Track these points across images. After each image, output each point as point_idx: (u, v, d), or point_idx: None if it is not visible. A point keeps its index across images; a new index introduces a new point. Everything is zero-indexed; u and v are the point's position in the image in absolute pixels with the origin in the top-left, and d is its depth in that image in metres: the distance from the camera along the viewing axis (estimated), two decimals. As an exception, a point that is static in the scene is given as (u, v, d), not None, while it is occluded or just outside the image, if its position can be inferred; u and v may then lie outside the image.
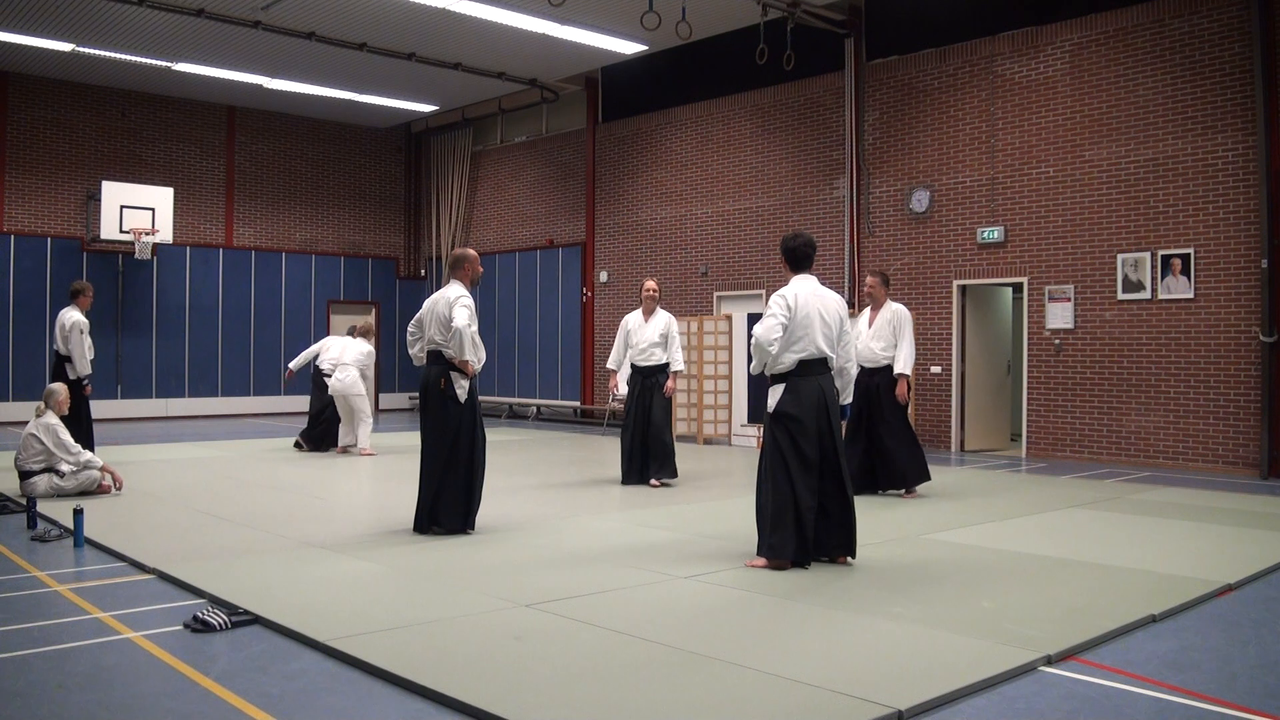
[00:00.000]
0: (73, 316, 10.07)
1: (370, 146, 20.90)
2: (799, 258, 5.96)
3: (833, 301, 5.92)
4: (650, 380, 9.42)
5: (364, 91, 17.75)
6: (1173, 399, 10.98)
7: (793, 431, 5.74)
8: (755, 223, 15.02)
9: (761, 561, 5.74)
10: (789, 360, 5.78)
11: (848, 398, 6.15)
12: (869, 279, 8.73)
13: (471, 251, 7.06)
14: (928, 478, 8.53)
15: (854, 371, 6.21)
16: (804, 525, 5.67)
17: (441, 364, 6.75)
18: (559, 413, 18.19)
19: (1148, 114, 11.17)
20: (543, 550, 6.26)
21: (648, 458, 9.31)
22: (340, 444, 12.04)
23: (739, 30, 14.39)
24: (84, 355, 10.09)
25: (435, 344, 6.78)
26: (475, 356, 6.71)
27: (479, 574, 5.58)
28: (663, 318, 9.70)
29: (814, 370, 5.80)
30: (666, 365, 9.49)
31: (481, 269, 7.19)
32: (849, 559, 5.83)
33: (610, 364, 9.76)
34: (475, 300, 6.86)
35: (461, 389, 6.71)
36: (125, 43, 14.92)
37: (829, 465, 5.80)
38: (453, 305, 6.67)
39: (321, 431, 12.19)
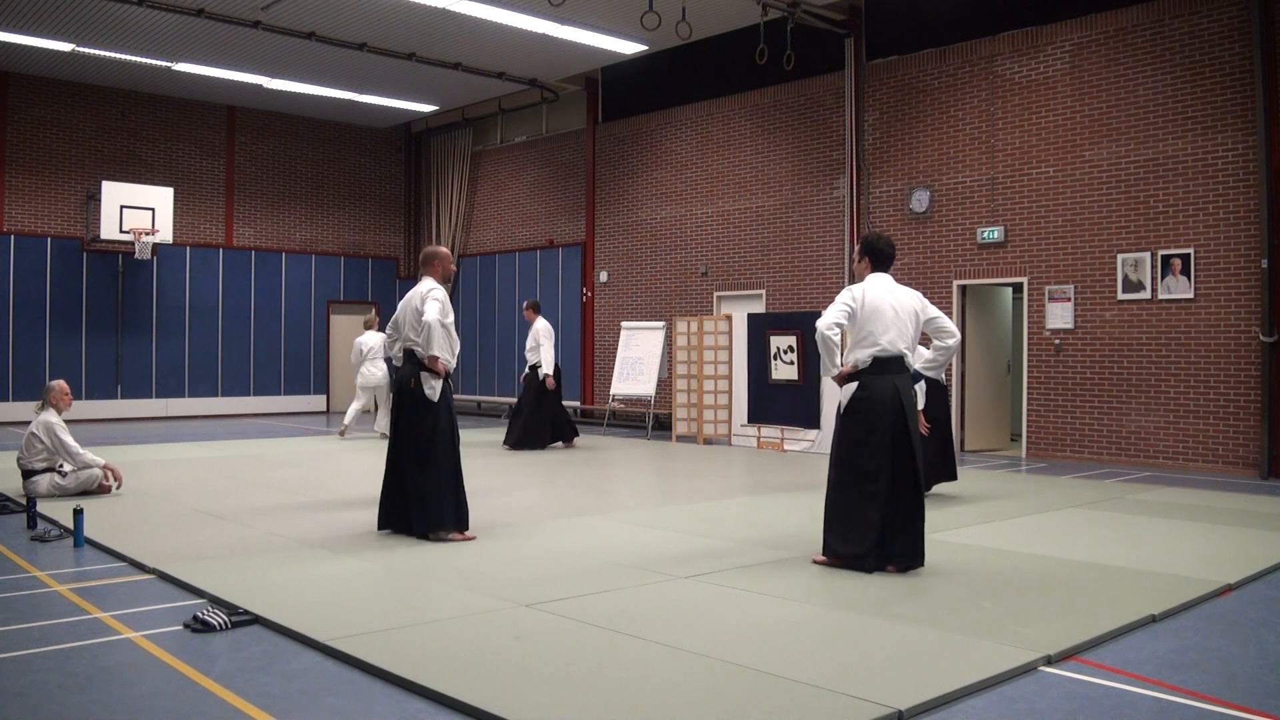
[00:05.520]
0: (546, 326, 12.49)
1: (370, 146, 20.90)
2: (881, 256, 5.92)
3: (907, 298, 5.83)
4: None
5: (364, 91, 17.74)
6: (1173, 399, 10.98)
7: (861, 429, 5.64)
8: (755, 223, 15.02)
9: (824, 559, 5.77)
10: (863, 357, 5.69)
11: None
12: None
13: (443, 249, 6.95)
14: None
15: (953, 344, 6.07)
16: (867, 527, 5.55)
17: (415, 363, 6.56)
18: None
19: (1148, 114, 11.17)
20: (543, 550, 6.26)
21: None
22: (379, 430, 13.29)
23: (739, 30, 14.39)
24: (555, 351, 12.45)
25: (410, 342, 6.61)
26: (449, 352, 6.53)
27: (479, 574, 5.58)
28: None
29: (889, 369, 5.67)
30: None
31: (454, 266, 7.05)
32: (915, 567, 5.65)
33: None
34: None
35: (432, 389, 6.49)
36: (125, 43, 14.91)
37: (900, 467, 5.61)
38: (425, 299, 6.54)
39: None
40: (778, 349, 12.98)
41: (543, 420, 12.59)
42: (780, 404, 12.96)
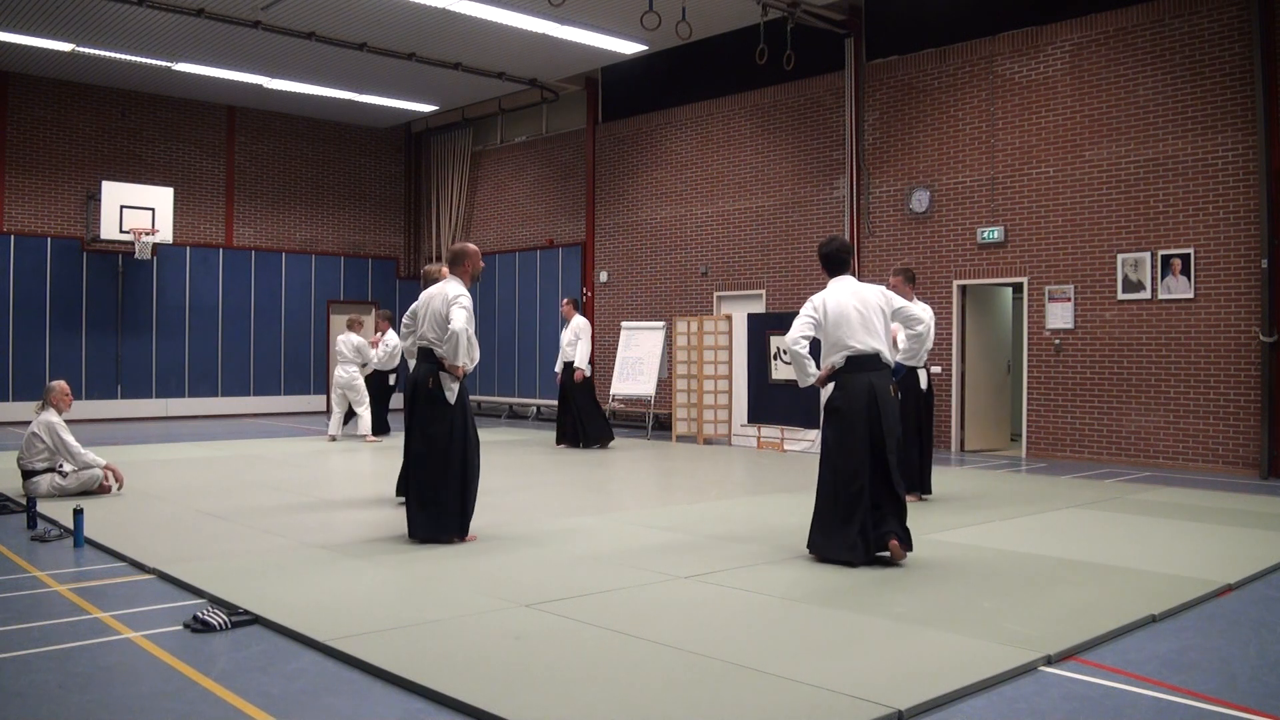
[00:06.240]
0: (585, 322, 12.75)
1: (370, 146, 20.89)
2: (834, 262, 6.13)
3: (872, 295, 6.02)
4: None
5: (364, 91, 17.74)
6: (1173, 399, 10.98)
7: (840, 428, 5.85)
8: (755, 223, 15.02)
9: (814, 556, 5.91)
10: (838, 360, 5.91)
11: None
12: (891, 278, 8.20)
13: (473, 246, 6.76)
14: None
15: (922, 330, 6.33)
16: (850, 523, 5.72)
17: (432, 362, 6.45)
18: (559, 413, 18.17)
19: (1148, 114, 11.17)
20: (543, 550, 6.26)
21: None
22: (332, 434, 13.54)
23: (739, 30, 14.39)
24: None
25: (428, 341, 6.48)
26: (469, 358, 6.44)
27: (479, 574, 5.58)
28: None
29: (864, 366, 5.87)
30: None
31: (483, 264, 6.95)
32: (905, 551, 5.82)
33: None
34: (475, 299, 6.61)
35: (451, 390, 6.41)
36: (125, 43, 14.91)
37: (878, 461, 5.82)
38: (450, 304, 6.37)
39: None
40: (778, 349, 12.98)
41: (599, 413, 12.98)
42: (780, 404, 12.96)
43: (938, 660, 4.05)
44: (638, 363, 14.81)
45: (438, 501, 6.40)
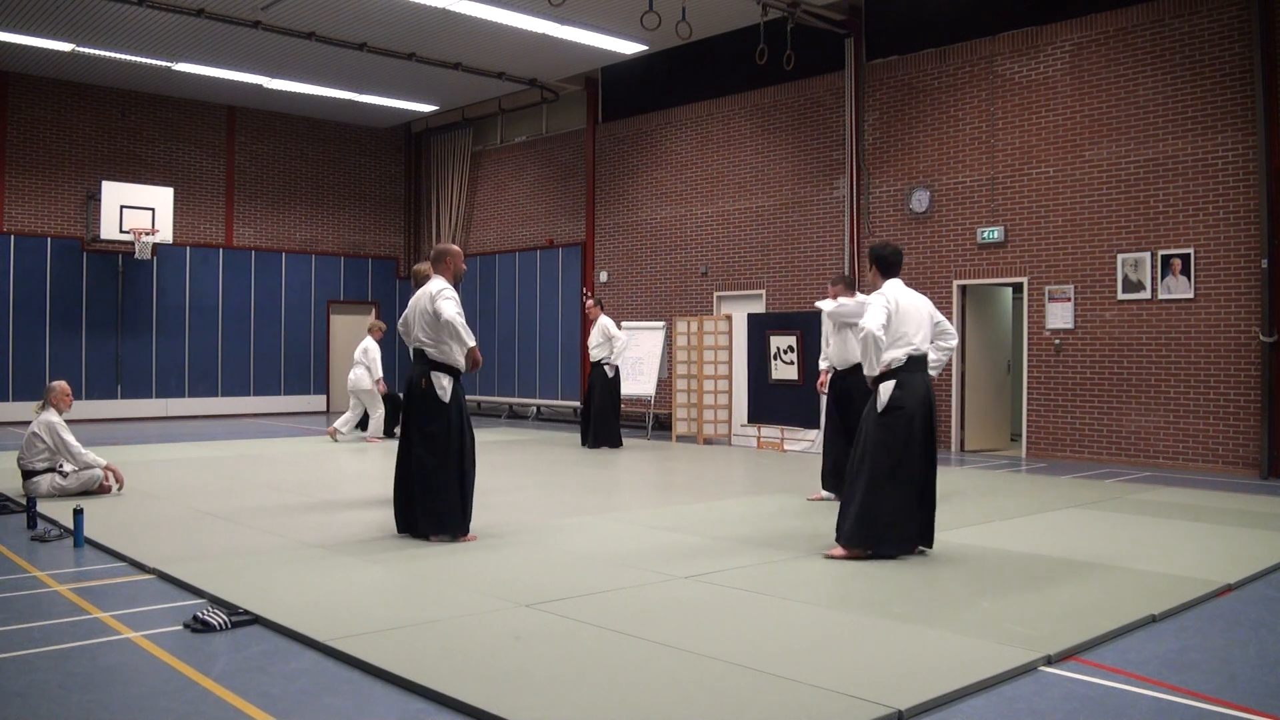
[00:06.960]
0: (611, 323, 12.87)
1: (370, 146, 20.89)
2: (889, 264, 6.35)
3: (923, 302, 6.31)
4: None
5: (364, 91, 17.74)
6: (1173, 399, 10.98)
7: (902, 425, 5.97)
8: (755, 223, 15.02)
9: (841, 551, 5.96)
10: (899, 355, 6.04)
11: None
12: (831, 288, 8.45)
13: (454, 246, 6.86)
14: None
15: (954, 345, 6.54)
16: (906, 519, 5.93)
17: (424, 363, 6.49)
18: (559, 413, 18.18)
19: (1148, 114, 11.17)
20: (543, 550, 6.26)
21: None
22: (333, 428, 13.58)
23: (739, 30, 14.39)
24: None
25: (420, 342, 6.52)
26: (469, 341, 6.47)
27: (479, 574, 5.58)
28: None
29: (920, 366, 6.11)
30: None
31: (465, 266, 7.01)
32: (925, 549, 6.15)
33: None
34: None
35: (444, 390, 6.41)
36: (125, 43, 14.91)
37: (926, 462, 6.05)
38: (436, 299, 6.43)
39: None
40: (778, 349, 12.98)
41: (615, 416, 12.96)
42: (780, 404, 12.96)
43: (938, 660, 4.05)
44: (638, 363, 14.81)
45: (436, 501, 6.43)
